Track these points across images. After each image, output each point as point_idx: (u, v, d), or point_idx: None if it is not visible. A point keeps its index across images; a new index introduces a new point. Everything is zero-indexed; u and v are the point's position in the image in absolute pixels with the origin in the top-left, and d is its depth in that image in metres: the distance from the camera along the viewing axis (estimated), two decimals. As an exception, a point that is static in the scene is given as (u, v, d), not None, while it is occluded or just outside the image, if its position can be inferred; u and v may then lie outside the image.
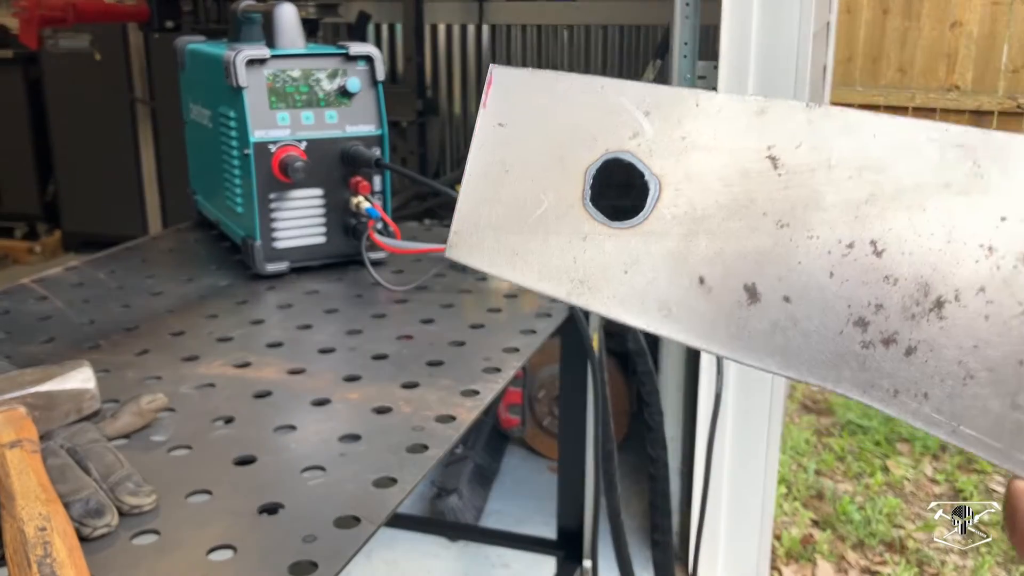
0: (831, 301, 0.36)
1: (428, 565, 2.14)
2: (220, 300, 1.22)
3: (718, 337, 0.38)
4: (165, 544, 0.68)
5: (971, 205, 0.33)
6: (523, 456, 2.58)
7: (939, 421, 0.34)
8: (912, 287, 0.34)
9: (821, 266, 0.36)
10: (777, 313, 0.37)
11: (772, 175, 0.37)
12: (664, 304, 0.39)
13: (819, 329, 0.36)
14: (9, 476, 0.69)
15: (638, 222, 0.39)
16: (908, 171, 0.34)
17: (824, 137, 0.36)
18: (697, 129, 0.38)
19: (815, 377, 0.36)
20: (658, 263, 0.39)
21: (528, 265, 0.42)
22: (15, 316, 1.16)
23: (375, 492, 0.74)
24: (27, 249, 4.29)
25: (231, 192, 1.32)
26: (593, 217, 0.40)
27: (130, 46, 3.71)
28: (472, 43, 3.54)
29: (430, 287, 1.25)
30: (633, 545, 1.94)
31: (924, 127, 0.35)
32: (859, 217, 0.35)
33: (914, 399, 0.35)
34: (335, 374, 0.97)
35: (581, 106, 0.41)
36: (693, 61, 1.85)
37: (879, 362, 0.35)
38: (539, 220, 0.41)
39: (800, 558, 2.17)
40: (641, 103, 0.39)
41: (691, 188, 0.38)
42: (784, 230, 0.36)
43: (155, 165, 3.83)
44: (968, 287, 0.33)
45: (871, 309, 0.35)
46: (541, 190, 0.41)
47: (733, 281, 0.37)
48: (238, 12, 1.38)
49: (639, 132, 0.39)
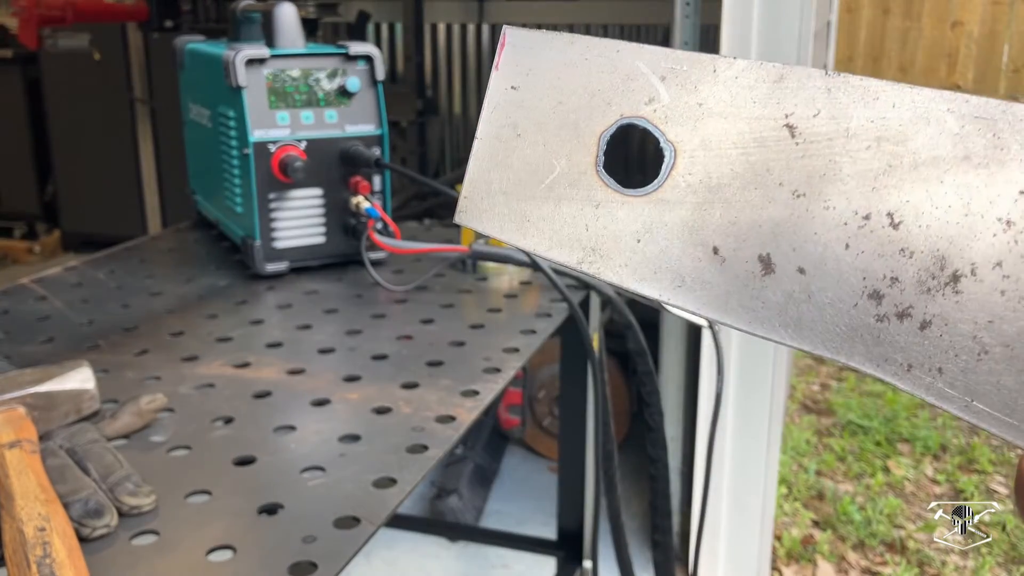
0: (846, 273, 0.35)
1: (428, 566, 2.14)
2: (219, 300, 1.22)
3: (731, 308, 0.37)
4: (164, 544, 0.67)
5: (990, 178, 0.33)
6: (523, 456, 2.58)
7: (952, 396, 0.34)
8: (928, 260, 0.34)
9: (837, 237, 0.35)
10: (791, 284, 0.36)
11: (789, 144, 0.36)
12: (677, 274, 0.38)
13: (833, 301, 0.36)
14: (8, 476, 0.69)
15: (652, 190, 0.39)
16: (927, 143, 0.34)
17: (842, 106, 0.35)
18: (714, 95, 0.38)
19: (828, 350, 0.36)
20: (672, 232, 0.38)
21: (539, 232, 0.41)
22: (14, 316, 1.16)
23: (375, 492, 0.74)
24: (26, 249, 4.29)
25: (230, 192, 1.32)
26: (606, 184, 0.40)
27: (129, 46, 3.71)
28: (472, 43, 3.54)
29: (430, 287, 1.25)
30: (633, 545, 1.94)
31: (944, 98, 0.34)
32: (876, 188, 0.35)
33: (928, 373, 0.34)
34: (335, 374, 0.97)
35: (596, 70, 0.40)
36: (693, 61, 1.84)
37: (893, 336, 0.35)
38: (551, 186, 0.41)
39: (801, 558, 2.17)
40: (657, 68, 0.39)
41: (707, 156, 0.38)
42: (800, 200, 0.36)
43: (154, 165, 3.82)
44: (985, 261, 0.33)
45: (886, 282, 0.35)
46: (553, 155, 0.41)
47: (747, 252, 0.37)
48: (237, 11, 1.37)
49: (655, 97, 0.39)
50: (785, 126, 0.36)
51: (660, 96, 0.39)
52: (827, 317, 0.36)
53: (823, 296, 0.36)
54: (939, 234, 0.34)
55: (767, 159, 0.37)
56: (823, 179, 0.36)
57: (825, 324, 0.36)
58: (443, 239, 1.42)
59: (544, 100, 0.41)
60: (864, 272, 0.35)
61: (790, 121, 0.36)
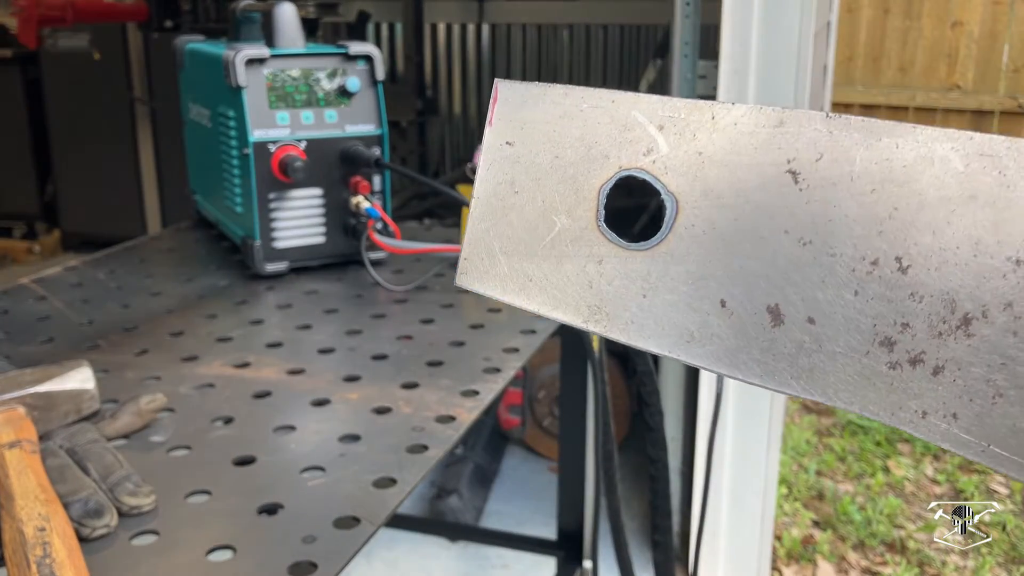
0: (856, 321, 0.35)
1: (428, 566, 2.14)
2: (219, 300, 1.22)
3: (741, 362, 0.37)
4: (164, 544, 0.67)
5: (997, 217, 0.32)
6: (523, 456, 2.58)
7: (968, 442, 0.33)
8: (939, 304, 0.33)
9: (846, 284, 0.35)
10: (801, 335, 0.35)
11: (793, 190, 0.35)
12: (685, 329, 0.37)
13: (845, 350, 0.35)
14: (8, 476, 0.69)
15: (655, 243, 0.38)
16: (932, 183, 0.33)
17: (845, 149, 0.35)
18: (714, 143, 0.37)
19: (841, 400, 0.35)
20: (678, 286, 0.37)
21: (543, 292, 0.40)
22: (14, 316, 1.16)
23: (375, 492, 0.73)
24: (26, 249, 4.29)
25: (230, 192, 1.32)
26: (608, 239, 0.39)
27: (129, 46, 3.71)
28: (472, 42, 3.54)
29: (430, 287, 1.25)
30: (633, 546, 1.94)
31: (948, 136, 0.33)
32: (883, 232, 0.34)
33: (943, 420, 0.34)
34: (335, 374, 0.97)
35: (592, 121, 0.39)
36: (694, 60, 1.85)
37: (906, 383, 0.34)
38: (552, 244, 0.40)
39: (801, 558, 2.17)
40: (654, 117, 0.38)
41: (709, 206, 0.37)
42: (807, 248, 0.35)
43: (154, 165, 3.83)
44: (996, 302, 0.32)
45: (897, 328, 0.34)
46: (553, 212, 0.40)
47: (755, 303, 0.36)
48: (237, 11, 1.37)
49: (653, 148, 0.38)
50: (788, 172, 0.36)
51: (659, 146, 0.38)
52: (839, 367, 0.35)
53: (834, 345, 0.35)
54: (949, 276, 0.33)
55: (771, 207, 0.36)
56: (829, 225, 0.35)
57: (837, 374, 0.35)
58: (443, 239, 1.42)
59: (541, 155, 0.40)
60: (874, 319, 0.34)
61: (792, 167, 0.35)
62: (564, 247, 0.40)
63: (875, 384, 0.35)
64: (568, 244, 0.40)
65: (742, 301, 0.37)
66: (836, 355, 0.35)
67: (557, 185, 0.40)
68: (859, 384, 0.35)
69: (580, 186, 0.40)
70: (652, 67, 2.91)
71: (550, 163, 0.40)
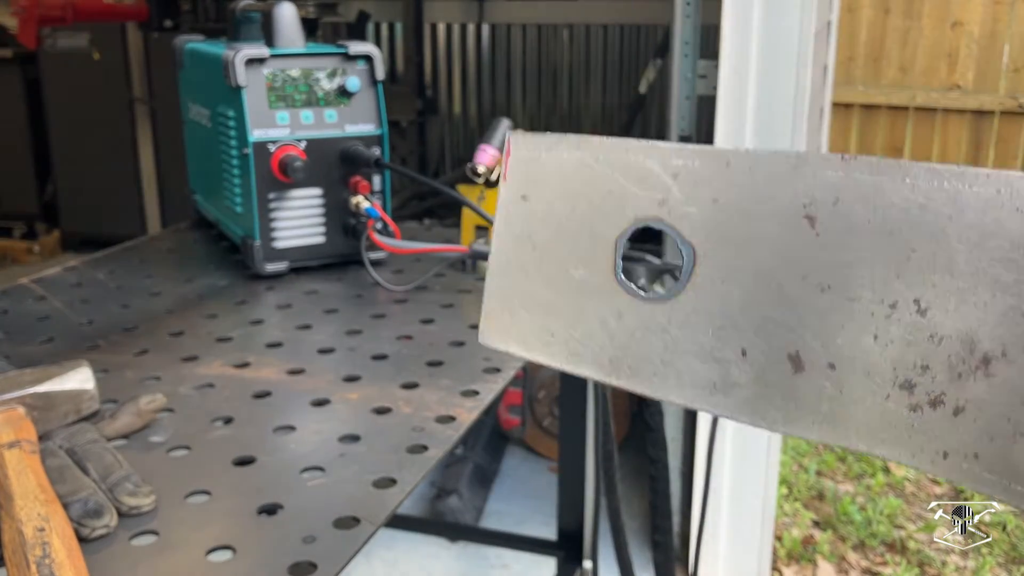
0: (877, 364, 0.34)
1: (428, 566, 2.14)
2: (219, 300, 1.22)
3: (762, 410, 0.36)
4: (164, 545, 0.67)
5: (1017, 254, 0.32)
6: (523, 456, 2.58)
7: (990, 480, 0.33)
8: (958, 345, 0.33)
9: (865, 329, 0.34)
10: (822, 380, 0.35)
11: (810, 235, 0.35)
12: (708, 380, 0.37)
13: (865, 395, 0.34)
14: (8, 477, 0.69)
15: (674, 293, 0.37)
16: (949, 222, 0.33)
17: (862, 191, 0.34)
18: (729, 190, 0.36)
19: (863, 444, 0.35)
20: (699, 336, 0.37)
21: (565, 347, 0.39)
22: (14, 316, 1.16)
23: (375, 493, 0.73)
24: (26, 249, 4.29)
25: (230, 192, 1.32)
26: (627, 291, 0.38)
27: (129, 45, 3.71)
28: (472, 42, 3.54)
29: (430, 287, 1.25)
30: (633, 546, 1.94)
31: (961, 174, 0.33)
32: (901, 275, 0.33)
33: (964, 460, 0.33)
34: (335, 374, 0.97)
35: (606, 171, 0.38)
36: (694, 60, 1.85)
37: (927, 425, 0.33)
38: (571, 298, 0.39)
39: (801, 559, 2.17)
40: (668, 166, 0.37)
41: (726, 254, 0.36)
42: (826, 294, 0.34)
43: (154, 165, 3.83)
44: (1015, 341, 0.32)
45: (917, 370, 0.33)
46: (571, 265, 0.39)
47: (776, 351, 0.36)
48: (237, 11, 1.37)
49: (668, 197, 0.37)
50: (805, 217, 0.35)
51: (673, 195, 0.37)
52: (860, 411, 0.34)
53: (855, 390, 0.34)
54: (967, 317, 0.32)
55: (789, 253, 0.35)
56: (847, 269, 0.34)
57: (858, 418, 0.34)
58: (443, 239, 1.42)
59: (556, 208, 0.40)
60: (895, 362, 0.34)
61: (809, 211, 0.35)
62: (584, 301, 0.39)
63: (896, 427, 0.34)
64: (587, 298, 0.39)
65: (763, 350, 0.36)
66: (857, 400, 0.35)
67: (574, 238, 0.39)
68: (880, 428, 0.34)
69: (597, 237, 0.39)
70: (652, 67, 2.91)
71: (566, 216, 0.40)
